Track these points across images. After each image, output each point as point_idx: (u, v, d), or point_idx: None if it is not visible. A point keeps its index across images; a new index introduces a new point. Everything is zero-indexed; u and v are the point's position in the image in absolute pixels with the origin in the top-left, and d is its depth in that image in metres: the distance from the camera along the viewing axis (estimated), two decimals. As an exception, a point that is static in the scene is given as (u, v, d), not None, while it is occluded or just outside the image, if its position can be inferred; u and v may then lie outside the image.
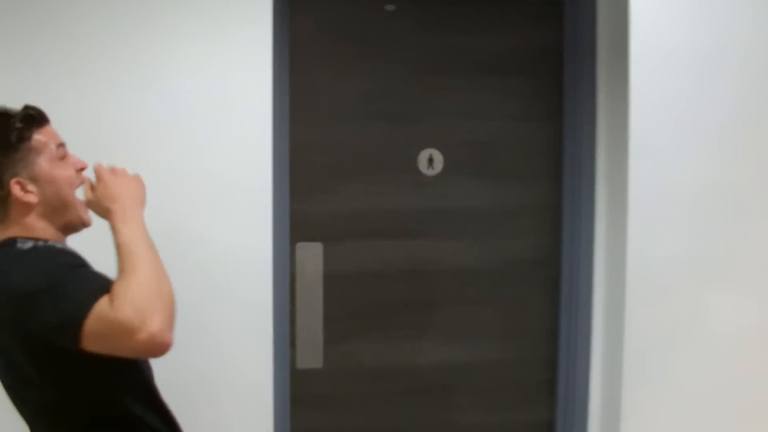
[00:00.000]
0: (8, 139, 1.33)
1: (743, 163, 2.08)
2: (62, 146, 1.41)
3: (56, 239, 1.38)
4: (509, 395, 2.25)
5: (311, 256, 2.08)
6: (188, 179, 1.89)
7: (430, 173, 2.15)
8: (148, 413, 1.41)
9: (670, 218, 2.06)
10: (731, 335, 2.12)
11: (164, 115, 1.87)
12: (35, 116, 1.38)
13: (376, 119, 2.11)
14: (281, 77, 2.00)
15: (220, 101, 1.89)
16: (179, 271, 1.39)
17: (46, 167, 1.36)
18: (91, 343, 1.21)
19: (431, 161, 2.15)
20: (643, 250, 2.05)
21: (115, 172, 1.44)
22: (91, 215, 1.43)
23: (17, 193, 1.33)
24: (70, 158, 1.42)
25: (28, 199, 1.34)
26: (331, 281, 2.11)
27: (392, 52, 2.11)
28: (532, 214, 2.21)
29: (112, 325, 1.19)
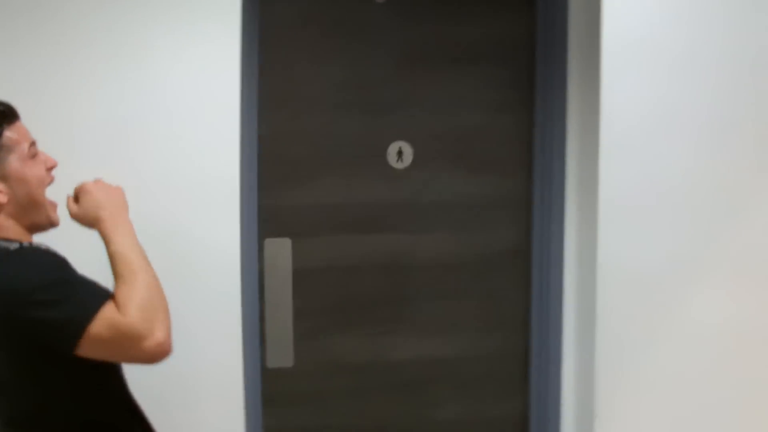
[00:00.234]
0: None
1: (717, 158, 2.09)
2: (33, 144, 1.38)
3: (24, 239, 1.35)
4: (484, 389, 2.24)
5: (280, 251, 2.05)
6: (152, 173, 1.84)
7: (399, 166, 2.13)
8: (124, 419, 1.40)
9: (641, 211, 2.06)
10: (704, 329, 2.13)
11: (126, 108, 1.82)
12: (6, 112, 1.35)
13: (347, 111, 2.09)
14: (250, 67, 1.96)
15: (185, 92, 1.85)
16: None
17: (16, 166, 1.33)
18: (90, 346, 1.22)
19: (400, 154, 2.12)
20: (614, 243, 2.05)
21: (96, 182, 1.45)
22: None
23: None
24: (40, 156, 1.39)
25: None
26: (301, 277, 2.08)
27: (365, 43, 2.08)
28: (504, 206, 2.20)
29: (120, 330, 1.22)
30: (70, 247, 1.37)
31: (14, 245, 1.28)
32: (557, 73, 2.14)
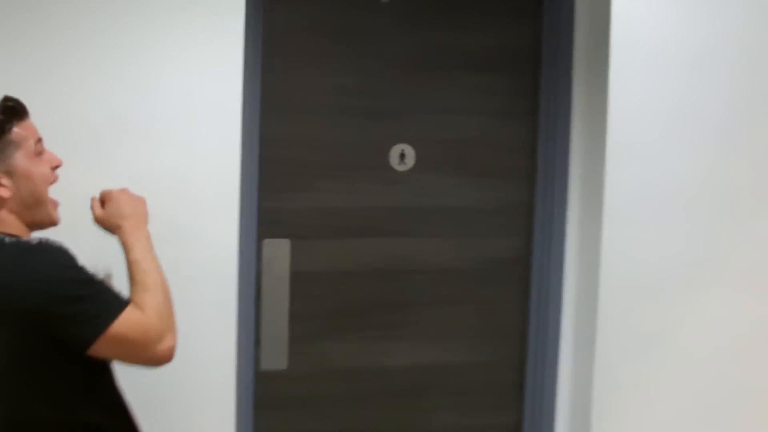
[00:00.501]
0: None
1: (723, 165, 2.08)
2: (40, 142, 1.40)
3: (24, 235, 1.36)
4: (480, 397, 2.23)
5: (278, 253, 2.02)
6: (152, 173, 1.82)
7: (401, 168, 2.11)
8: (113, 422, 1.42)
9: (646, 220, 2.05)
10: (705, 339, 2.12)
11: (129, 109, 1.80)
12: (16, 108, 1.36)
13: (349, 115, 2.07)
14: (253, 69, 1.94)
15: (187, 94, 1.83)
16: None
17: (23, 162, 1.35)
18: (108, 344, 1.27)
19: (403, 156, 2.10)
20: (617, 252, 2.04)
21: (123, 191, 1.52)
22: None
23: None
24: (46, 154, 1.42)
25: (1, 192, 1.32)
26: (299, 280, 2.06)
27: (369, 47, 2.07)
28: (506, 213, 2.19)
29: (141, 330, 1.30)
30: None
31: (34, 240, 1.31)
32: (563, 80, 2.13)
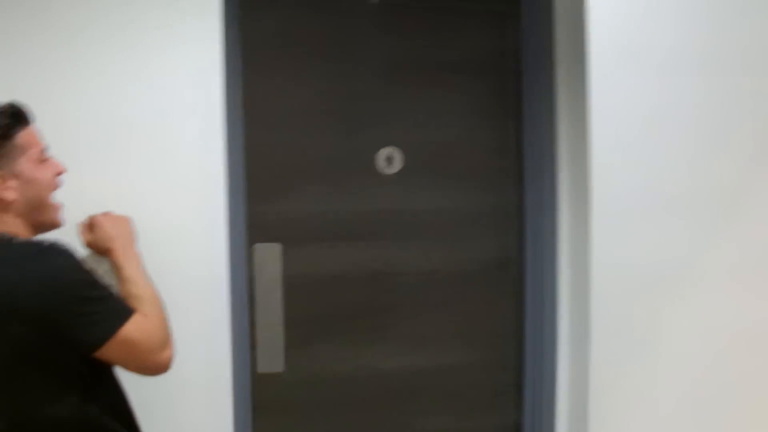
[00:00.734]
0: None
1: (709, 160, 2.09)
2: (44, 149, 1.44)
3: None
4: (474, 400, 2.22)
5: (270, 257, 2.05)
6: (138, 178, 1.85)
7: (388, 172, 2.14)
8: (117, 421, 1.44)
9: (635, 220, 2.06)
10: (699, 339, 2.11)
11: (113, 114, 1.83)
12: (22, 114, 1.42)
13: (335, 119, 2.10)
14: (234, 76, 1.98)
15: (170, 100, 1.86)
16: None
17: (28, 167, 1.38)
18: (115, 347, 1.32)
19: (390, 159, 2.13)
20: (607, 252, 2.04)
21: (107, 215, 1.60)
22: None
23: None
24: (50, 161, 1.46)
25: (5, 195, 1.35)
26: (291, 284, 2.08)
27: (352, 52, 2.10)
28: (494, 216, 2.20)
29: (148, 336, 1.37)
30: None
31: (46, 242, 1.34)
32: (544, 81, 2.15)
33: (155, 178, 1.86)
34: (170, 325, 1.47)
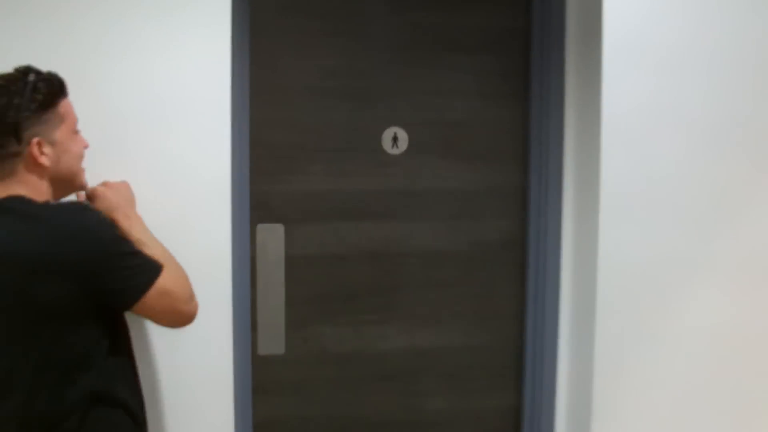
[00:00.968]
0: (44, 98, 1.39)
1: (721, 153, 2.07)
2: (76, 122, 1.51)
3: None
4: (476, 380, 2.23)
5: (272, 237, 2.03)
6: (142, 159, 1.81)
7: (394, 152, 2.11)
8: (126, 394, 1.49)
9: (644, 204, 2.04)
10: (705, 325, 2.11)
11: (116, 95, 1.79)
12: (63, 84, 1.47)
13: (340, 98, 2.07)
14: (241, 54, 1.94)
15: (174, 79, 1.82)
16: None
17: (64, 136, 1.44)
18: (153, 298, 1.40)
19: (396, 140, 2.11)
20: (615, 235, 2.03)
21: (106, 184, 1.62)
22: None
23: (35, 152, 1.38)
24: (80, 134, 1.53)
25: (42, 160, 1.38)
26: (293, 264, 2.06)
27: (358, 29, 2.06)
28: (499, 196, 2.19)
29: (181, 285, 1.46)
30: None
31: (82, 202, 1.46)
32: (555, 62, 2.12)
33: (158, 157, 1.83)
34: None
